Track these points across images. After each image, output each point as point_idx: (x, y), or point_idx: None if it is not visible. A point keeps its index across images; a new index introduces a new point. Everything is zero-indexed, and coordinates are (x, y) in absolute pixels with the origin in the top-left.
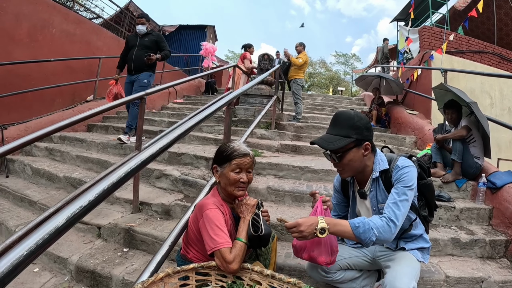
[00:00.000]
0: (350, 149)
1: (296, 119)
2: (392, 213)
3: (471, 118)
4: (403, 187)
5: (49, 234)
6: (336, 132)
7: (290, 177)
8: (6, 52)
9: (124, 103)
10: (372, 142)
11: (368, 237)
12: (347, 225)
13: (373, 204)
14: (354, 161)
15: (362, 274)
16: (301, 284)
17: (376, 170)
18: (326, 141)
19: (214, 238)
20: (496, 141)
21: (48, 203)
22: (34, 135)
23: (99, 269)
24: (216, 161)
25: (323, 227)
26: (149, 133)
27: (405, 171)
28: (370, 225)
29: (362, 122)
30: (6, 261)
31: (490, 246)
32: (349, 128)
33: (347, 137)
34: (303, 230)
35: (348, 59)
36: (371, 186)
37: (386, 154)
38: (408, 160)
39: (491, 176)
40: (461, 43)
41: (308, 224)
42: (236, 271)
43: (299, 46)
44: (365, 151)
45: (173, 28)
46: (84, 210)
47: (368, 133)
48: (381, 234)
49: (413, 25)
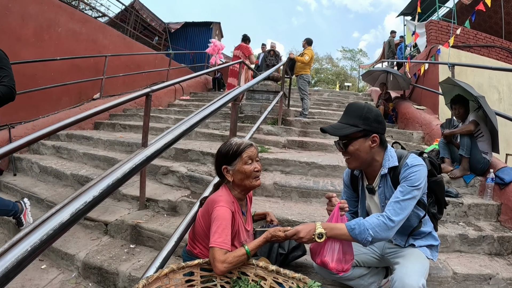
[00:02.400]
0: (357, 138)
1: (303, 114)
2: (392, 211)
3: (479, 112)
4: (409, 186)
5: (54, 230)
6: (345, 121)
7: (297, 173)
8: (13, 52)
9: (129, 100)
10: (382, 136)
11: (364, 238)
12: (344, 227)
13: (381, 200)
14: (360, 151)
15: (370, 271)
16: (306, 280)
17: (385, 167)
18: (333, 128)
19: (214, 235)
20: (504, 136)
21: (56, 201)
22: (40, 132)
23: (106, 265)
24: (223, 162)
25: (321, 232)
26: (156, 130)
27: (413, 170)
28: (365, 226)
29: (372, 114)
30: (11, 257)
31: (498, 242)
32: (358, 118)
33: (354, 126)
34: (302, 237)
35: (355, 55)
36: (380, 182)
37: (397, 150)
38: (418, 158)
39: (500, 172)
40: (469, 37)
41: (306, 230)
42: (221, 274)
43: (304, 41)
44: (372, 143)
45: (178, 26)
46: (88, 206)
47: (377, 125)
48: (377, 233)
49: (420, 19)
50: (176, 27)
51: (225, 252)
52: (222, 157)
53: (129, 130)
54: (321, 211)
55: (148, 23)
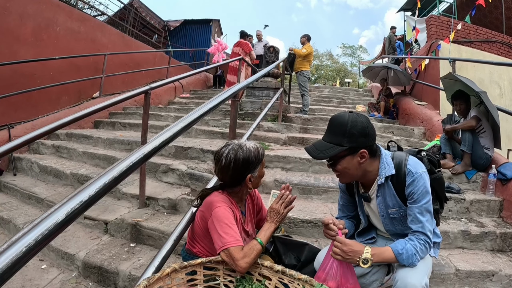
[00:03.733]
0: (343, 157)
1: (303, 111)
2: (426, 237)
3: (481, 108)
4: (424, 204)
5: (49, 229)
6: (329, 139)
7: (298, 170)
8: (11, 52)
9: (128, 98)
10: (372, 147)
11: (412, 262)
12: (391, 253)
13: (381, 209)
14: (349, 169)
15: (371, 270)
16: (312, 282)
17: (382, 176)
18: (317, 149)
19: (223, 236)
20: (506, 132)
21: (55, 200)
22: (40, 131)
23: (106, 265)
24: (247, 170)
25: (366, 258)
26: (156, 128)
27: (419, 184)
28: (412, 251)
29: (357, 128)
30: (5, 258)
31: (501, 238)
32: (342, 135)
33: (339, 145)
34: (346, 251)
35: (355, 51)
36: (378, 191)
37: (394, 154)
38: (418, 163)
39: (502, 167)
40: (469, 32)
41: (353, 249)
42: (244, 270)
43: (303, 37)
44: (361, 158)
45: (178, 23)
46: (84, 205)
47: (364, 140)
48: (422, 255)
49: (420, 14)
50: (175, 25)
51: (241, 249)
52: (247, 165)
53: (129, 129)
54: (322, 208)
55: (147, 21)
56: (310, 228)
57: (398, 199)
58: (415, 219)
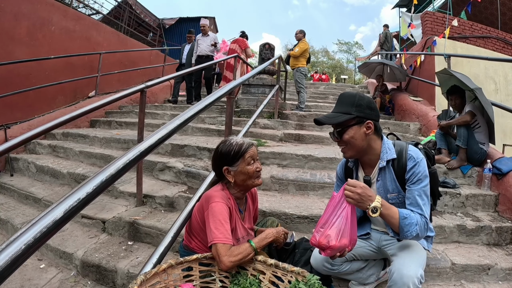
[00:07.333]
0: (351, 126)
1: (299, 108)
2: (425, 218)
3: (476, 103)
4: (423, 187)
5: (47, 227)
6: (338, 110)
7: (294, 166)
8: (6, 52)
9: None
10: (377, 123)
11: (409, 231)
12: (396, 212)
13: (380, 194)
14: (356, 139)
15: (368, 264)
16: (304, 273)
17: (384, 159)
18: (326, 117)
19: (214, 232)
20: (501, 127)
21: (53, 200)
22: (36, 131)
23: (104, 263)
24: (224, 162)
25: (376, 206)
26: (152, 127)
27: (420, 167)
28: (414, 221)
29: (364, 101)
30: (5, 255)
31: (497, 232)
32: (350, 105)
33: (347, 114)
34: (360, 193)
35: (351, 47)
36: (378, 175)
37: (395, 141)
38: (418, 151)
39: (497, 162)
40: (465, 28)
41: (367, 193)
42: (226, 268)
43: (299, 33)
44: (367, 129)
45: (173, 21)
46: (82, 203)
47: (370, 112)
48: (420, 232)
49: (416, 10)
50: (171, 23)
51: (229, 247)
52: (223, 158)
53: (125, 127)
54: (319, 203)
55: (142, 19)
56: (307, 224)
57: (398, 184)
58: (414, 201)
